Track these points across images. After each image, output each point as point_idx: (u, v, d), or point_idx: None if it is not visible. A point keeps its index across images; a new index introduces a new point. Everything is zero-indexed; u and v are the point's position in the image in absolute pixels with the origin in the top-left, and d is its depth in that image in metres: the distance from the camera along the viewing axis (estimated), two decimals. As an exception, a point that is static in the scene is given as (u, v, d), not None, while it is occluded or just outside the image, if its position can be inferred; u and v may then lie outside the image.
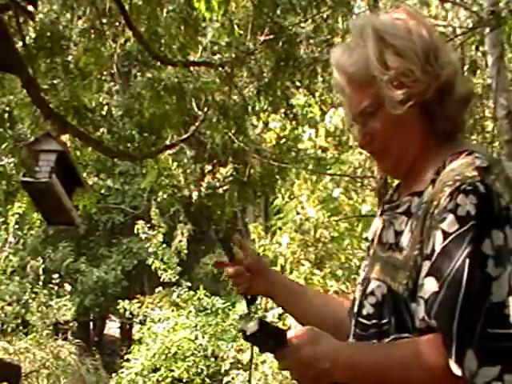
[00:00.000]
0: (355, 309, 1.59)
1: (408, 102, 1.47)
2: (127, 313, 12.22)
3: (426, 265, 1.40)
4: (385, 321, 1.47)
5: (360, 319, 1.55)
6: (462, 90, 1.52)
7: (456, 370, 1.33)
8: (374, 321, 1.50)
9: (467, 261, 1.34)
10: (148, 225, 11.73)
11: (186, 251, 12.42)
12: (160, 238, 11.58)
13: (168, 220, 14.73)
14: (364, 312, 1.53)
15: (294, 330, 1.45)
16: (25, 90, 6.17)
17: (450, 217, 1.38)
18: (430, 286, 1.38)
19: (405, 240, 1.48)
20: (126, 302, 12.07)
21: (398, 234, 1.51)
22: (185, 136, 7.82)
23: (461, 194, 1.38)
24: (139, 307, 11.89)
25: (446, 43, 1.60)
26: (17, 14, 5.93)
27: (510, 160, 5.66)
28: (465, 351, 1.32)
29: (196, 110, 7.57)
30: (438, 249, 1.38)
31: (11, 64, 5.47)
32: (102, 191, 14.48)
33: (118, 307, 12.33)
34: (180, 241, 12.39)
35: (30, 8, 5.73)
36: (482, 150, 1.52)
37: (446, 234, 1.37)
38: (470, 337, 1.33)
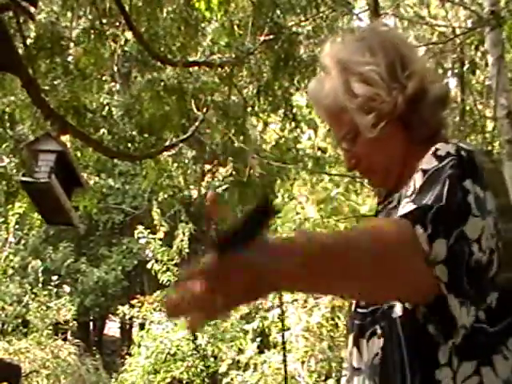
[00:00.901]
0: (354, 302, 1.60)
1: (380, 123, 1.51)
2: (127, 315, 12.22)
3: (405, 201, 1.35)
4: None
5: (358, 310, 1.55)
6: (436, 91, 1.53)
7: (425, 245, 1.25)
8: (370, 308, 1.49)
9: (447, 181, 1.31)
10: (148, 230, 11.67)
11: (187, 251, 12.39)
12: (160, 238, 11.53)
13: (168, 220, 14.71)
14: (362, 302, 1.54)
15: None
16: (25, 91, 6.17)
17: (429, 156, 1.38)
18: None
19: None
20: (126, 307, 12.05)
21: None
22: (184, 136, 7.81)
23: (440, 144, 1.40)
24: (138, 311, 11.87)
25: (414, 49, 1.61)
26: (17, 14, 5.94)
27: (510, 160, 5.66)
28: (436, 237, 1.26)
29: (196, 110, 7.57)
30: (418, 186, 1.36)
31: (11, 64, 5.47)
32: (103, 190, 14.47)
33: (118, 312, 12.31)
34: (181, 240, 12.36)
35: (32, 9, 5.74)
36: (469, 143, 1.53)
37: (425, 172, 1.37)
38: (444, 230, 1.26)
